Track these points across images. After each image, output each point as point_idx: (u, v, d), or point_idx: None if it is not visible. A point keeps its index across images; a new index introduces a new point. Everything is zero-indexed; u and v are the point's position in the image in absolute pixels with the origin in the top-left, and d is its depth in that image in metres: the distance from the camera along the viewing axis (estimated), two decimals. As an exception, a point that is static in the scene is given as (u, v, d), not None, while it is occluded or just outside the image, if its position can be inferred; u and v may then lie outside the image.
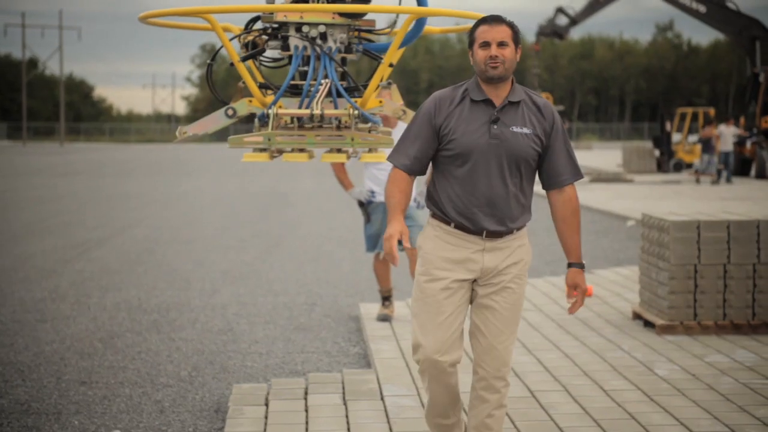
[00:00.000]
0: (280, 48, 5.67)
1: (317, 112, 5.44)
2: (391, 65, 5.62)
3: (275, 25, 5.66)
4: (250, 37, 5.81)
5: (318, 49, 5.52)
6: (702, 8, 36.44)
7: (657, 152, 38.04)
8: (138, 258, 13.98)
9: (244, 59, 5.84)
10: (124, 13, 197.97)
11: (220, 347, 8.41)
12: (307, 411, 6.26)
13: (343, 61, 5.68)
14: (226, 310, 10.04)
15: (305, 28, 5.57)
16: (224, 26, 5.97)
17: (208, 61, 6.12)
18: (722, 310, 8.33)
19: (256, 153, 5.76)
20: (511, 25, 4.63)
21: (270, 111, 5.64)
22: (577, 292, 4.80)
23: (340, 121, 5.55)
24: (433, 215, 4.78)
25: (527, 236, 4.85)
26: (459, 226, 4.69)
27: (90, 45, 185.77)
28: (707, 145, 31.10)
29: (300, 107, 5.54)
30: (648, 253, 8.82)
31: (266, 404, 6.41)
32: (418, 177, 4.83)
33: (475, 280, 4.78)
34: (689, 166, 37.02)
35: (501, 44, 4.56)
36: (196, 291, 11.22)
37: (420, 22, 5.52)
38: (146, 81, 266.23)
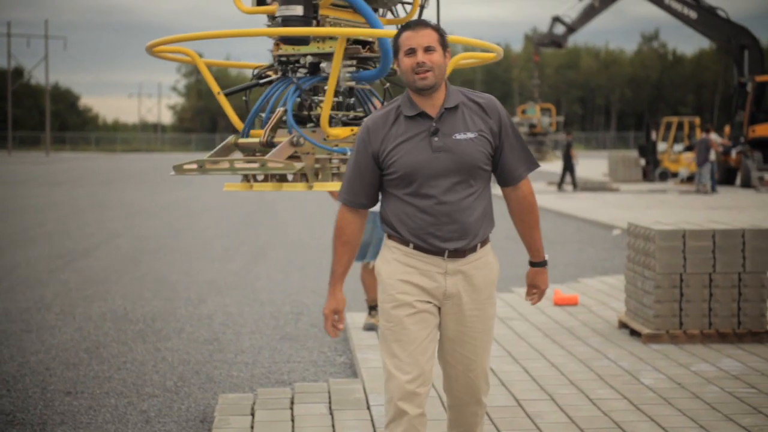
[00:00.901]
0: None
1: (263, 140, 5.55)
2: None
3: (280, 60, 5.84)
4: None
5: (288, 75, 5.65)
6: (693, 14, 36.62)
7: (643, 161, 38.22)
8: (124, 268, 13.95)
9: (227, 93, 6.04)
10: (110, 23, 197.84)
11: (206, 357, 8.39)
12: (293, 421, 6.25)
13: (351, 90, 5.78)
14: (212, 320, 10.02)
15: (303, 59, 5.71)
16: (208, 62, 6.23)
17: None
18: (708, 319, 8.35)
19: (236, 183, 5.85)
20: (437, 29, 4.34)
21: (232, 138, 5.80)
22: (535, 291, 4.64)
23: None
24: (390, 236, 4.43)
25: (492, 251, 4.51)
26: (417, 248, 4.35)
27: (76, 54, 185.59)
28: (702, 155, 30.90)
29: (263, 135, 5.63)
30: (634, 262, 8.84)
31: (252, 414, 6.40)
32: None
33: (440, 307, 4.43)
34: (675, 175, 37.18)
35: (427, 49, 4.27)
36: (182, 301, 11.20)
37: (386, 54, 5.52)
38: (132, 90, 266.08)
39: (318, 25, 5.64)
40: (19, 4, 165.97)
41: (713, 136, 32.77)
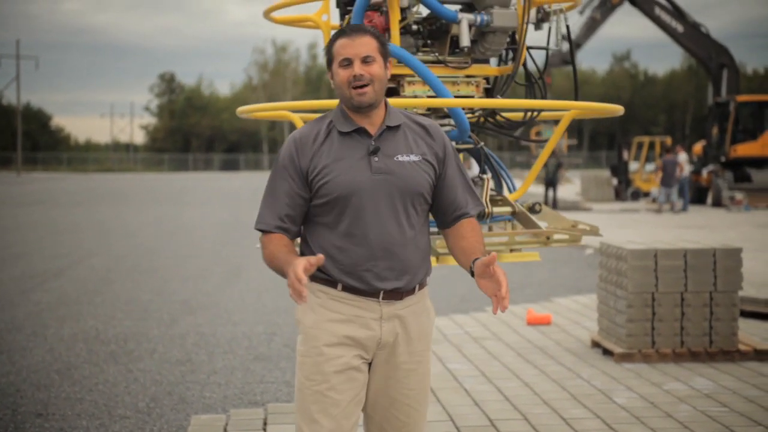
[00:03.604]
0: None
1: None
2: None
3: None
4: None
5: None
6: (680, 28, 36.88)
7: (615, 181, 38.40)
8: (96, 288, 13.88)
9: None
10: (82, 43, 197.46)
11: (179, 378, 8.35)
12: (266, 442, 6.23)
13: None
14: (184, 341, 9.98)
15: None
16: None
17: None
18: (680, 337, 8.39)
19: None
20: (377, 36, 3.74)
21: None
22: (490, 269, 3.55)
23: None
24: (313, 278, 3.76)
25: (429, 297, 3.95)
26: (348, 288, 3.72)
27: (47, 74, 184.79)
28: (668, 175, 31.24)
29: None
30: (606, 282, 8.87)
31: (225, 435, 6.37)
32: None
33: (370, 362, 3.81)
34: (646, 194, 37.40)
35: (366, 60, 3.67)
36: (154, 321, 11.15)
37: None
38: (104, 110, 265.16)
39: (397, 84, 5.55)
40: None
41: (682, 156, 33.02)
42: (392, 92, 5.54)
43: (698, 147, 38.16)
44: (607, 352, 8.65)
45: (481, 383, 7.64)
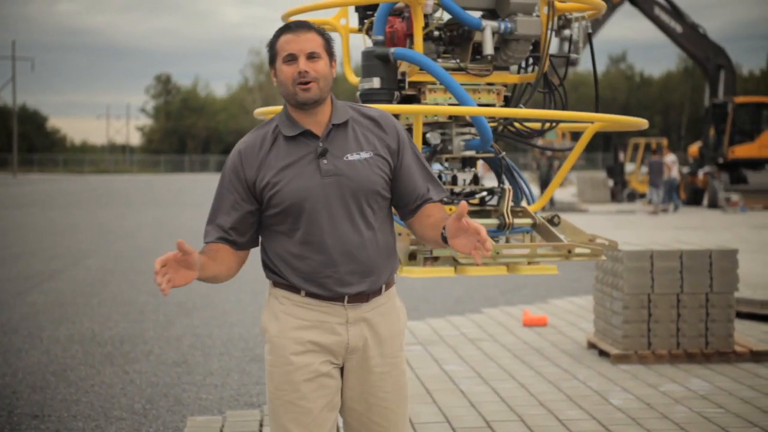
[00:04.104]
0: None
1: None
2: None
3: None
4: None
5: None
6: (679, 28, 36.91)
7: (611, 182, 38.43)
8: (92, 290, 13.87)
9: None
10: (78, 44, 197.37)
11: (175, 379, 8.35)
12: (262, 443, 6.22)
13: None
14: (180, 342, 9.98)
15: None
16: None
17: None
18: (676, 339, 8.39)
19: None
20: (322, 33, 3.63)
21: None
22: (463, 222, 3.37)
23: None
24: (276, 284, 3.71)
25: (398, 296, 3.86)
26: (312, 294, 3.62)
27: (43, 76, 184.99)
28: (654, 176, 31.50)
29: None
30: (602, 283, 8.88)
31: (221, 437, 6.37)
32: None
33: (342, 367, 3.71)
34: (642, 195, 37.45)
35: (311, 56, 3.55)
36: (150, 323, 11.14)
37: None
38: (100, 112, 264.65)
39: (418, 91, 5.38)
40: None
41: (670, 158, 33.14)
42: (412, 99, 5.39)
43: (694, 148, 38.20)
44: (603, 354, 8.65)
45: (477, 384, 7.64)
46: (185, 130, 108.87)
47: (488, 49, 5.36)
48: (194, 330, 10.67)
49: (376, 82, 5.18)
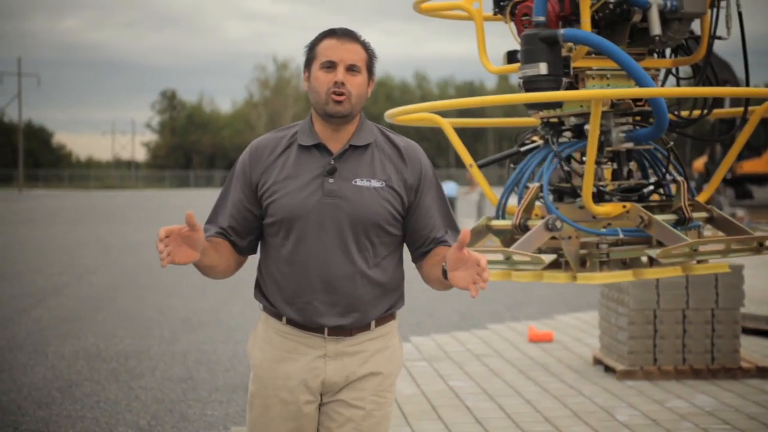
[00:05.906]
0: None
1: (516, 222, 4.94)
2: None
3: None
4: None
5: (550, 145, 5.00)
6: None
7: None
8: (97, 305, 13.87)
9: (480, 165, 5.44)
10: (84, 60, 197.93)
11: (180, 396, 8.34)
12: (267, 460, 6.21)
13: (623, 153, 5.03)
14: (186, 358, 9.97)
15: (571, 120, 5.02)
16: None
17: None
18: (682, 355, 8.37)
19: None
20: (367, 48, 3.38)
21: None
22: (464, 253, 3.12)
23: None
24: (264, 307, 3.55)
25: (398, 334, 3.56)
26: (292, 322, 3.43)
27: (49, 92, 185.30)
28: None
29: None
30: (607, 299, 8.87)
31: (226, 453, 6.36)
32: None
33: (321, 405, 3.49)
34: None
35: (351, 68, 3.31)
36: (155, 338, 11.14)
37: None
38: (106, 128, 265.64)
39: (575, 78, 5.03)
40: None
41: None
42: (571, 87, 5.02)
43: (699, 163, 38.16)
44: (608, 369, 8.63)
45: (482, 400, 7.63)
46: (190, 146, 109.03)
47: (655, 28, 5.03)
48: (200, 346, 10.67)
49: (543, 68, 4.78)
